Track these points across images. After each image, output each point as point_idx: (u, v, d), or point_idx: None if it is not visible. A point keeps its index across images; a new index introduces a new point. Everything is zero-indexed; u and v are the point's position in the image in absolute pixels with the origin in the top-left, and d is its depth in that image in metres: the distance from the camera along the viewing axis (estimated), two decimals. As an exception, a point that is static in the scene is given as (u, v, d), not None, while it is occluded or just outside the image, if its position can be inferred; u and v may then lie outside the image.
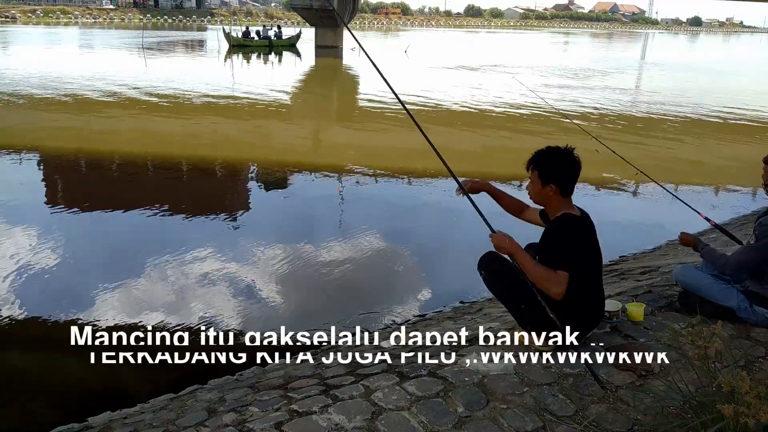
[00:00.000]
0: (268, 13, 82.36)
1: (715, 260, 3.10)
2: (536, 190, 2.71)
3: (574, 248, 2.63)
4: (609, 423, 2.30)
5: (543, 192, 2.69)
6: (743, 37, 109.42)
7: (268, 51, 35.01)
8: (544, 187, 2.68)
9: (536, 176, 2.69)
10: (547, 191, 2.68)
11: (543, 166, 2.68)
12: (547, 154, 2.69)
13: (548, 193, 2.68)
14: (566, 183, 2.67)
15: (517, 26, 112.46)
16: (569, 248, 2.62)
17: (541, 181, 2.67)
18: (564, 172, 2.66)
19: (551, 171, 2.66)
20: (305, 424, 2.33)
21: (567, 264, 2.56)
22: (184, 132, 11.43)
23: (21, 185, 7.40)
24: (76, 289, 4.63)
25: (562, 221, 2.68)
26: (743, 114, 15.37)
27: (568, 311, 2.62)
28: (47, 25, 56.80)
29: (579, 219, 2.69)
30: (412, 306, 4.48)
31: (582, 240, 2.67)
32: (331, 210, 6.79)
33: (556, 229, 2.69)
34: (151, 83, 17.75)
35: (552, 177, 2.65)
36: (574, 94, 17.95)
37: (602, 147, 4.32)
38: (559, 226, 2.68)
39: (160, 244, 5.49)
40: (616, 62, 33.52)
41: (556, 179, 2.65)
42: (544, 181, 2.67)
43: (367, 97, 17.06)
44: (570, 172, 2.66)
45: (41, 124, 11.41)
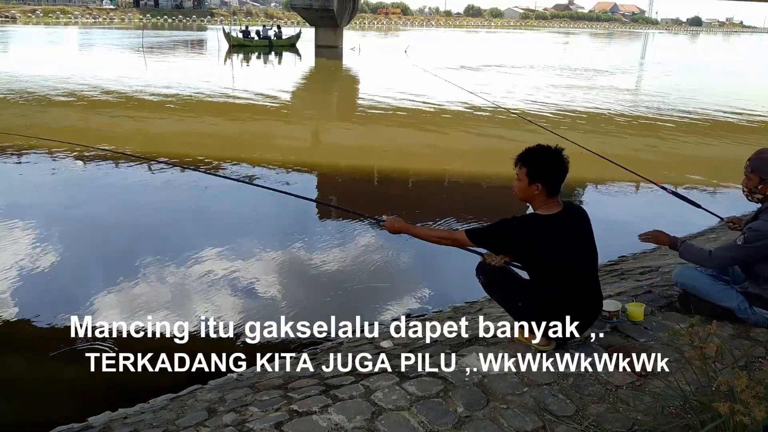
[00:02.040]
0: (268, 13, 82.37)
1: (695, 257, 3.10)
2: (522, 187, 2.72)
3: (495, 230, 2.73)
4: (609, 423, 2.30)
5: (528, 190, 2.70)
6: (743, 37, 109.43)
7: (268, 51, 35.01)
8: (530, 185, 2.68)
9: (524, 174, 2.69)
10: (532, 189, 2.68)
11: (532, 164, 2.68)
12: (536, 153, 2.69)
13: (533, 191, 2.69)
14: (553, 183, 2.67)
15: (517, 26, 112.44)
16: (491, 227, 2.75)
17: (528, 179, 2.68)
18: (552, 171, 2.66)
19: (539, 169, 2.66)
20: (305, 424, 2.33)
21: (474, 232, 2.77)
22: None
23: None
24: (76, 288, 4.63)
25: (515, 216, 2.73)
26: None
27: (556, 308, 2.68)
28: (47, 24, 56.79)
29: (528, 221, 2.70)
30: (412, 306, 4.49)
31: (515, 234, 2.69)
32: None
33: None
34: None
35: (539, 176, 2.66)
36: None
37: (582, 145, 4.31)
38: (511, 217, 2.73)
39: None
40: (625, 62, 33.53)
41: (543, 178, 2.66)
42: (531, 179, 2.67)
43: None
44: (558, 172, 2.67)
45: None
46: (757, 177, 2.99)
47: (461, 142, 11.25)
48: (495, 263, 2.92)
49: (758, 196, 3.05)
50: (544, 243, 2.66)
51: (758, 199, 3.06)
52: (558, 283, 2.68)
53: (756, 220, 2.99)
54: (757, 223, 2.94)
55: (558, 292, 2.68)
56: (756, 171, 2.99)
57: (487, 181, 8.28)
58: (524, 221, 2.71)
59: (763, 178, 2.97)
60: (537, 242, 2.67)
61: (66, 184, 7.46)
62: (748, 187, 3.06)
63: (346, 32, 41.72)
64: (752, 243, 2.91)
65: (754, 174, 3.00)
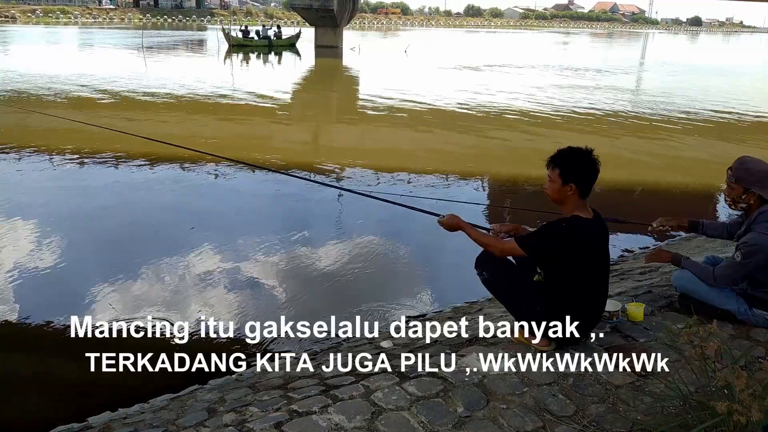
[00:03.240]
0: (267, 12, 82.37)
1: (699, 273, 3.10)
2: (555, 188, 2.72)
3: (548, 241, 2.70)
4: (609, 423, 2.30)
5: (562, 191, 2.70)
6: (743, 36, 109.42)
7: (268, 51, 35.00)
8: (563, 186, 2.69)
9: (557, 175, 2.70)
10: (566, 190, 2.69)
11: (565, 165, 2.69)
12: (569, 154, 2.70)
13: (567, 192, 2.69)
14: (586, 184, 2.69)
15: (517, 26, 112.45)
16: (541, 236, 2.72)
17: (562, 179, 2.69)
18: (585, 173, 2.68)
19: (573, 171, 2.67)
20: (305, 424, 2.34)
21: (525, 241, 2.72)
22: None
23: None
24: (74, 288, 4.63)
25: (564, 219, 2.71)
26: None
27: (563, 309, 2.69)
28: (47, 24, 56.79)
29: (575, 224, 2.69)
30: (412, 306, 4.49)
31: (563, 241, 2.68)
32: (330, 209, 6.79)
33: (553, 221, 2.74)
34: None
35: (573, 177, 2.67)
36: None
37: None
38: (557, 220, 2.72)
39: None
40: (628, 63, 33.53)
41: (576, 179, 2.67)
42: (565, 180, 2.68)
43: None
44: (591, 173, 2.69)
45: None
46: (741, 186, 2.99)
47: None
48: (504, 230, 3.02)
49: (742, 206, 3.05)
50: (584, 246, 2.68)
51: (742, 208, 3.07)
52: (576, 288, 2.70)
53: (749, 232, 2.96)
54: (752, 237, 2.91)
55: (573, 295, 2.70)
56: (740, 180, 2.99)
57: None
58: (572, 224, 2.69)
59: (747, 188, 2.97)
60: (580, 245, 2.67)
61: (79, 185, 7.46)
62: (732, 197, 3.06)
63: (346, 32, 41.73)
64: (751, 258, 2.89)
65: (737, 183, 3.00)
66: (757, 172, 2.96)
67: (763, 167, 2.97)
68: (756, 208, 2.98)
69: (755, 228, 2.92)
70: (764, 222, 2.90)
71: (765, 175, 2.95)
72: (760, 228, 2.90)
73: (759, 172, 2.95)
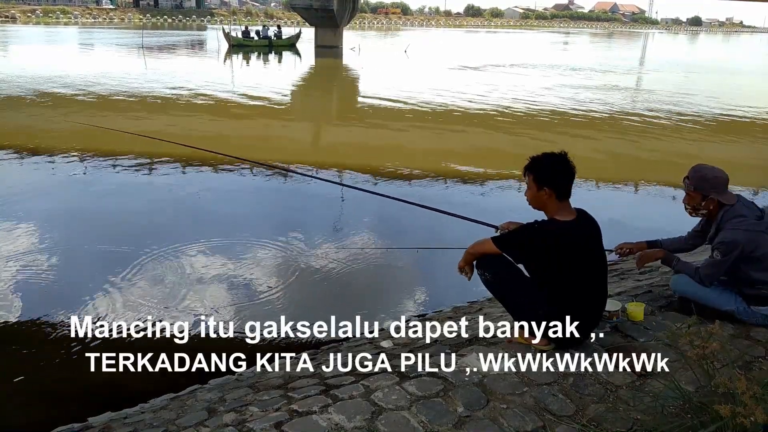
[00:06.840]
0: (268, 12, 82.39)
1: (689, 273, 3.16)
2: (532, 194, 2.79)
3: (518, 239, 2.77)
4: (609, 423, 2.30)
5: (539, 196, 2.76)
6: (743, 36, 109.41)
7: (268, 51, 35.00)
8: (539, 192, 2.74)
9: (531, 180, 2.77)
10: (542, 195, 2.74)
11: (537, 170, 2.75)
12: (542, 159, 2.76)
13: (544, 197, 2.74)
14: (561, 187, 2.72)
15: (517, 26, 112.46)
16: (514, 235, 2.81)
17: (537, 185, 2.74)
18: (558, 175, 2.72)
19: (545, 175, 2.72)
20: (305, 423, 2.33)
21: (499, 240, 2.80)
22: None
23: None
24: (74, 287, 4.63)
25: (538, 221, 2.76)
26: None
27: (563, 309, 2.70)
28: (47, 24, 56.81)
29: (548, 227, 2.72)
30: (412, 306, 4.49)
31: (532, 239, 2.72)
32: (330, 209, 6.79)
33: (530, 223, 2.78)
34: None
35: (546, 181, 2.72)
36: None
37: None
38: (533, 221, 2.77)
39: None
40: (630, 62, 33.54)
41: (550, 183, 2.71)
42: (540, 184, 2.73)
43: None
44: (564, 175, 2.72)
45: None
46: (699, 194, 3.07)
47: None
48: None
49: (703, 212, 3.13)
50: (562, 248, 2.69)
51: (703, 214, 3.16)
52: (568, 289, 2.71)
53: (720, 231, 3.02)
54: (725, 235, 2.97)
55: (568, 297, 2.71)
56: (698, 189, 3.07)
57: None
58: (544, 226, 2.74)
59: (706, 195, 3.05)
60: (556, 247, 2.69)
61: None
62: (691, 205, 3.14)
63: (346, 32, 41.73)
64: (729, 254, 2.96)
65: (696, 192, 3.08)
66: (712, 178, 3.04)
67: (717, 173, 3.06)
68: (716, 212, 3.07)
69: (725, 227, 3.00)
70: (731, 219, 2.99)
71: (721, 180, 3.04)
72: (729, 225, 2.98)
73: (714, 179, 3.04)
